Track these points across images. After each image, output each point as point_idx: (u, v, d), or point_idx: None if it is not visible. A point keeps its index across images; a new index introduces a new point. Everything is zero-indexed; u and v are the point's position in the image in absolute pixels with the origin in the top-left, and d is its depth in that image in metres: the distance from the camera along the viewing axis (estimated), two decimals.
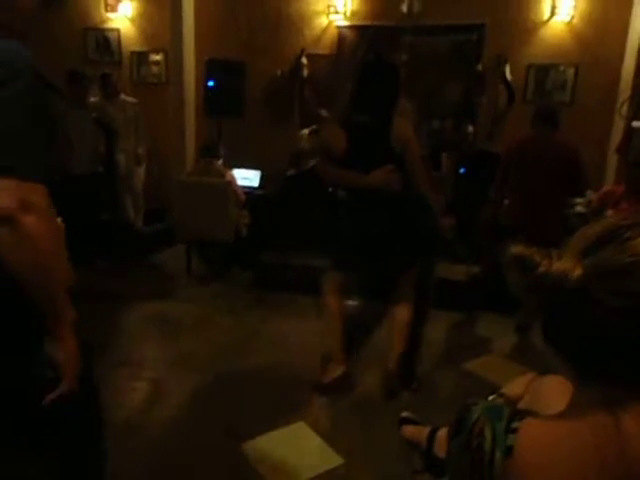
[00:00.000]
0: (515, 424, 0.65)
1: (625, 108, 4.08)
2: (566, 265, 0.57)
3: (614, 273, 0.55)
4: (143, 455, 2.07)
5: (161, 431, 2.24)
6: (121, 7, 5.51)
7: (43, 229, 0.96)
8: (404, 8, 4.63)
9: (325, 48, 5.06)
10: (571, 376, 0.64)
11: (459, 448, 0.71)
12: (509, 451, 0.63)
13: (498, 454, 0.64)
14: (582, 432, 0.59)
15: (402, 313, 2.50)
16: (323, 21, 5.04)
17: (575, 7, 4.35)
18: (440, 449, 1.34)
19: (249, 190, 4.42)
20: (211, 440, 2.18)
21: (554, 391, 1.16)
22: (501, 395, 1.15)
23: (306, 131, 4.64)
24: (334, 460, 2.09)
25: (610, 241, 0.57)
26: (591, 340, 0.57)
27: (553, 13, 4.41)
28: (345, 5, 4.85)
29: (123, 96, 4.86)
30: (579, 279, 0.56)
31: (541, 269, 0.59)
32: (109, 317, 3.42)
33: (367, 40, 2.53)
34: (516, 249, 0.62)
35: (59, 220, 1.66)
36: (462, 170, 4.20)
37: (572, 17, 4.38)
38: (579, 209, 3.68)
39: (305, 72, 4.99)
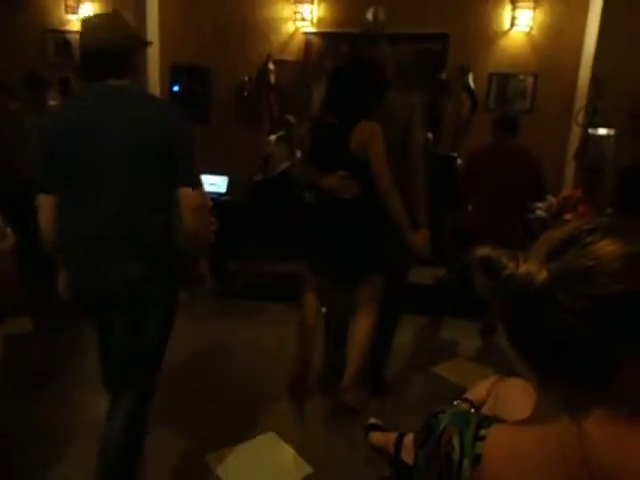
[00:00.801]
0: (483, 432, 0.64)
1: (581, 116, 4.24)
2: (531, 268, 0.58)
3: (575, 276, 0.55)
4: None
5: None
6: (82, 9, 5.37)
7: (209, 211, 1.82)
8: (369, 16, 4.68)
9: (292, 54, 5.06)
10: (534, 380, 0.64)
11: (427, 457, 0.70)
12: (477, 459, 0.62)
13: (466, 463, 0.63)
14: (547, 440, 0.59)
15: (362, 324, 2.38)
16: (290, 27, 5.05)
17: (533, 18, 4.50)
18: (407, 455, 1.34)
19: (216, 196, 4.37)
20: (175, 452, 2.13)
21: (517, 394, 1.18)
22: (466, 400, 1.16)
23: (274, 137, 4.63)
24: (304, 469, 2.08)
25: (573, 245, 0.58)
26: (552, 343, 0.57)
27: (513, 24, 4.55)
28: (312, 12, 4.88)
29: None
30: (544, 282, 0.56)
31: (507, 271, 0.59)
32: (69, 330, 3.30)
33: (351, 43, 2.41)
34: (483, 251, 0.62)
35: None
36: None
37: (531, 28, 4.53)
38: (539, 213, 3.79)
39: (272, 78, 4.98)
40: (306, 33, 5.01)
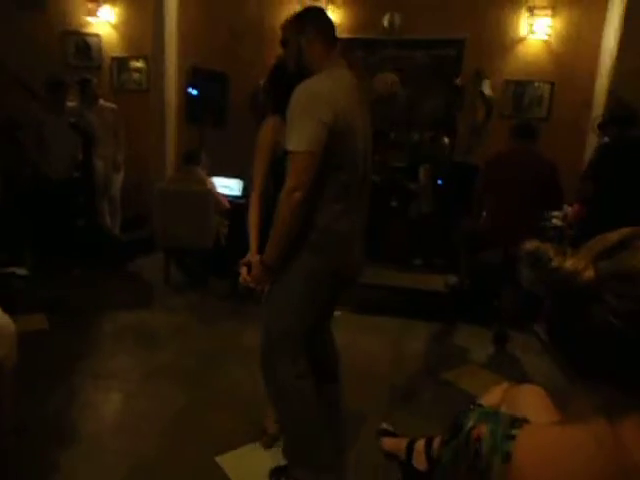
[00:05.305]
0: (514, 431, 0.64)
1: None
2: (579, 264, 0.58)
3: (624, 277, 0.56)
4: (115, 468, 2.02)
5: (134, 443, 2.19)
6: (103, 12, 5.47)
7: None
8: (385, 22, 4.70)
9: None
10: (573, 378, 0.63)
11: (453, 453, 0.69)
12: (507, 457, 0.62)
13: (496, 459, 0.63)
14: (587, 444, 0.58)
15: None
16: None
17: (551, 26, 4.48)
18: (418, 460, 1.33)
19: (231, 199, 4.39)
20: (186, 453, 2.14)
21: (530, 400, 1.17)
22: (479, 406, 1.16)
23: None
24: None
25: (624, 248, 0.58)
26: (595, 341, 0.57)
27: (530, 31, 4.54)
28: None
29: (102, 102, 4.80)
30: (590, 280, 0.57)
31: (554, 264, 0.60)
32: (83, 328, 3.34)
33: None
34: (531, 244, 0.63)
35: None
36: (439, 182, 4.26)
37: (549, 36, 4.51)
38: (555, 222, 3.76)
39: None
40: None
